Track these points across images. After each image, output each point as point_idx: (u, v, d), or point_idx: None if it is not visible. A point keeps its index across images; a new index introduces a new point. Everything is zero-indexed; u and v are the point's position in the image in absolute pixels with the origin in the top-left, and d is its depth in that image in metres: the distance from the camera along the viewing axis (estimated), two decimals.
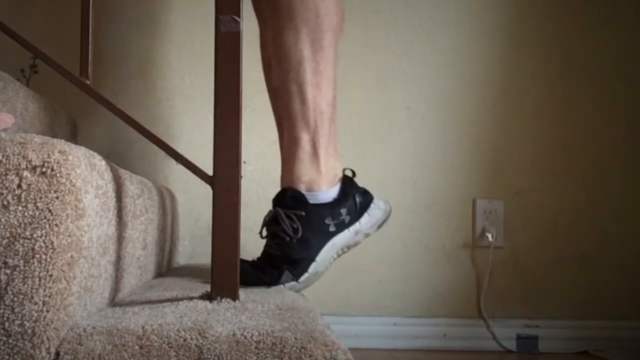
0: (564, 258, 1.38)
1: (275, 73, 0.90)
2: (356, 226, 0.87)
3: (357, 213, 0.87)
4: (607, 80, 1.42)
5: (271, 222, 0.84)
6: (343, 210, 0.85)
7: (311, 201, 0.84)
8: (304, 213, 0.82)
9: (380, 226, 0.90)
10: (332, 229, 0.84)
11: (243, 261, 0.80)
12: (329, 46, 0.85)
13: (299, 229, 0.81)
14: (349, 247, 0.87)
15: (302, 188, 0.85)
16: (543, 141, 1.40)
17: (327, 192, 0.85)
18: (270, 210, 0.85)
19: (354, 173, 0.90)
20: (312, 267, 0.82)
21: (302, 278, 0.81)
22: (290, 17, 0.84)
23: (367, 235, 0.88)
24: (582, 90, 1.41)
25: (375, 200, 0.90)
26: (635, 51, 1.43)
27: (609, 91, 1.42)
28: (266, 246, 0.84)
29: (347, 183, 0.88)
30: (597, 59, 1.42)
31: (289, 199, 0.83)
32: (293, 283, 0.81)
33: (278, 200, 0.85)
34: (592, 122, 1.41)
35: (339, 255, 0.87)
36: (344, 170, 0.89)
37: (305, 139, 0.85)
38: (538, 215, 1.38)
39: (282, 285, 0.80)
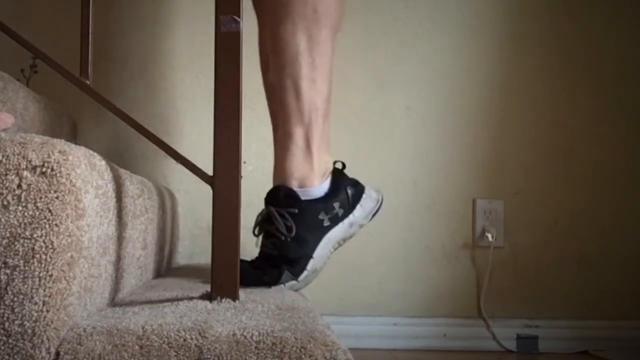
0: (564, 258, 1.38)
1: (271, 69, 0.89)
2: (350, 218, 0.86)
3: (350, 205, 0.87)
4: (608, 80, 1.41)
5: (265, 222, 0.83)
6: (336, 204, 0.85)
7: (303, 197, 0.83)
8: (296, 210, 0.82)
9: (373, 215, 0.90)
10: (326, 223, 0.84)
11: (243, 261, 0.80)
12: (326, 42, 0.85)
13: (293, 227, 0.81)
14: (344, 240, 0.87)
15: (295, 185, 0.85)
16: (543, 141, 1.40)
17: (319, 187, 0.85)
18: (263, 209, 0.85)
19: (344, 165, 0.89)
20: (311, 265, 0.82)
21: (302, 276, 0.81)
22: (287, 12, 0.84)
23: (361, 226, 0.88)
24: (583, 90, 1.41)
25: (367, 190, 0.90)
26: (636, 51, 1.43)
27: (610, 91, 1.41)
28: (262, 246, 0.84)
29: (338, 176, 0.88)
30: (597, 59, 1.41)
31: (281, 197, 0.83)
32: (293, 282, 0.81)
33: (271, 198, 0.84)
34: (592, 122, 1.41)
35: (335, 249, 0.86)
36: (334, 162, 0.89)
37: (299, 133, 0.85)
38: (538, 215, 1.38)
39: (282, 285, 0.80)
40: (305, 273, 0.81)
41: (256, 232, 0.85)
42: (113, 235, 0.59)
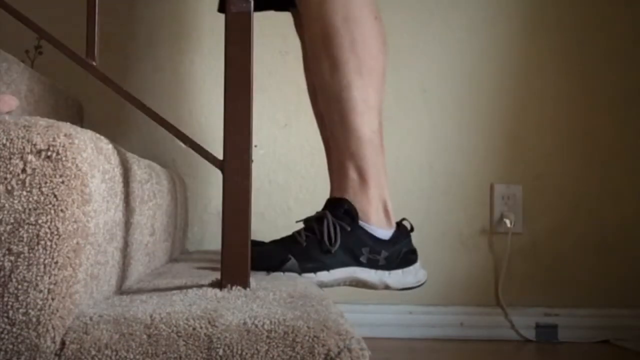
0: (585, 244, 1.35)
1: (320, 100, 0.91)
2: (384, 274, 0.85)
3: (394, 265, 0.85)
4: (627, 61, 1.37)
5: (316, 220, 0.83)
6: (383, 253, 0.84)
7: (361, 223, 0.83)
8: (349, 229, 0.82)
9: (405, 289, 0.88)
10: (362, 259, 0.83)
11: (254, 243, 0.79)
12: (370, 72, 0.84)
13: (338, 241, 0.80)
14: (364, 285, 0.85)
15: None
16: (562, 124, 1.36)
17: (377, 229, 0.84)
18: (319, 212, 0.85)
19: (412, 227, 0.89)
20: (321, 274, 0.80)
21: (305, 275, 0.80)
22: (325, 46, 0.83)
23: (387, 287, 0.86)
24: (602, 71, 1.37)
25: (416, 265, 0.88)
26: None
27: (629, 73, 1.37)
28: (295, 232, 0.83)
29: (403, 234, 0.87)
30: (617, 40, 1.37)
31: (342, 211, 0.83)
32: (295, 274, 0.79)
33: (332, 207, 0.84)
34: (612, 104, 1.37)
35: (348, 284, 0.85)
36: (402, 219, 0.88)
37: (351, 168, 0.84)
38: (558, 200, 1.35)
39: (280, 273, 0.78)
40: (311, 275, 0.80)
41: (301, 222, 0.85)
42: (120, 221, 0.58)
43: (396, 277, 0.86)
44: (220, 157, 0.57)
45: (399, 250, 0.86)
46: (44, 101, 0.94)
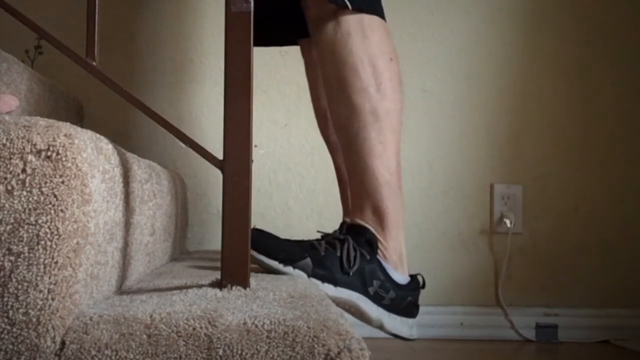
0: (585, 244, 1.35)
1: (332, 131, 0.92)
2: (384, 314, 0.85)
3: (397, 309, 0.86)
4: (627, 62, 1.37)
5: (338, 239, 0.83)
6: (391, 293, 0.84)
7: (379, 258, 0.83)
8: (368, 257, 0.82)
9: (394, 336, 0.88)
10: (370, 290, 0.83)
11: (265, 233, 0.80)
12: (387, 113, 0.83)
13: (356, 265, 0.80)
14: (360, 315, 0.85)
15: None
16: (562, 124, 1.36)
17: (392, 269, 0.85)
18: (337, 232, 0.85)
19: (424, 283, 0.89)
20: (327, 286, 0.80)
21: (311, 280, 0.80)
22: (340, 89, 0.83)
23: (381, 327, 0.86)
24: (602, 72, 1.37)
25: (414, 320, 0.89)
26: None
27: (629, 73, 1.37)
28: (315, 240, 0.83)
29: (416, 284, 0.87)
30: (617, 40, 1.37)
31: (363, 239, 0.83)
32: (304, 274, 0.79)
33: (354, 232, 0.84)
34: (612, 105, 1.37)
35: (346, 310, 0.84)
36: (417, 274, 0.89)
37: (368, 208, 0.84)
38: (558, 200, 1.35)
39: (290, 267, 0.78)
40: (318, 282, 0.80)
41: (321, 235, 0.85)
42: (120, 221, 0.58)
43: (393, 322, 0.86)
44: (220, 157, 0.57)
45: (405, 298, 0.86)
46: (44, 101, 0.94)
